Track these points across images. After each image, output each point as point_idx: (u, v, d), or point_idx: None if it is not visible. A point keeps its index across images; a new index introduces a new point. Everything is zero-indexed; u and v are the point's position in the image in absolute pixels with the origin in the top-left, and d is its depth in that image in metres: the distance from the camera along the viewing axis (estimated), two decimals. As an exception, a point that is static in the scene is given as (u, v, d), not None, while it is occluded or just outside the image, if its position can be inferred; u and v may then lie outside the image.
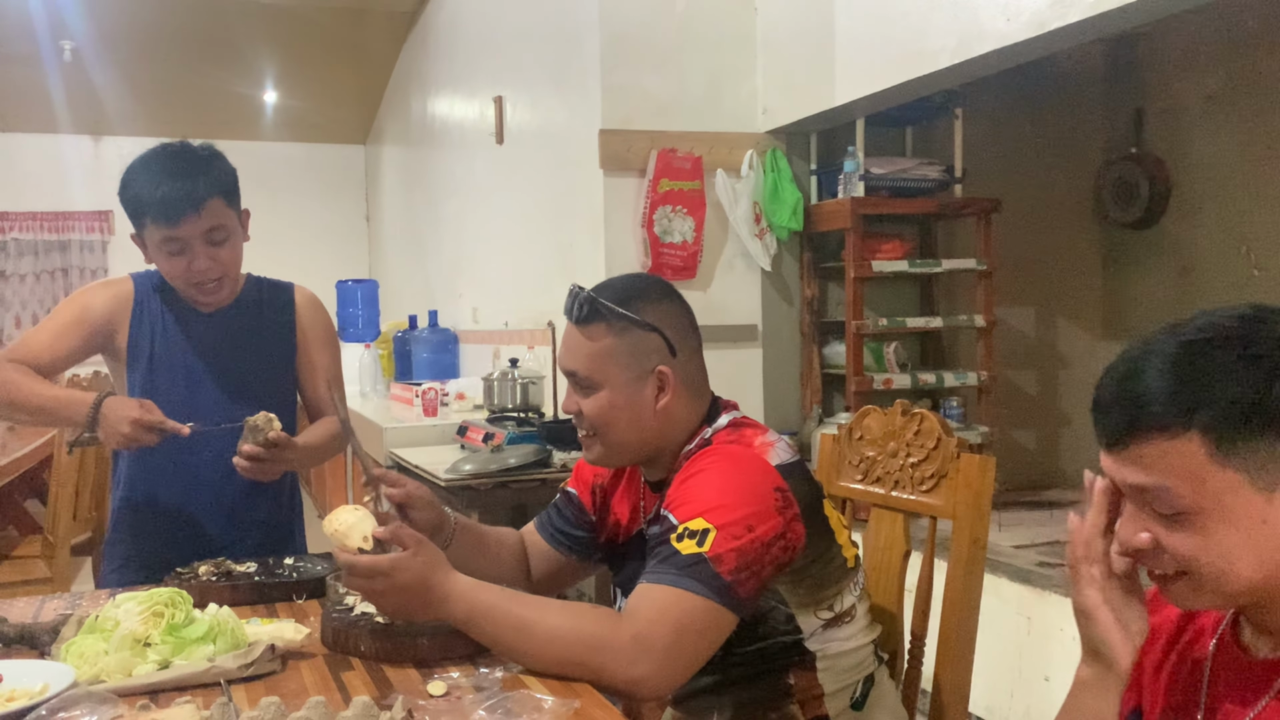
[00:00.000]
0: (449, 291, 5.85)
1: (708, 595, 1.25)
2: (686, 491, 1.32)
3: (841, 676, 1.41)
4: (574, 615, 1.29)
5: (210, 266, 1.88)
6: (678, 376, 1.43)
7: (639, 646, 1.24)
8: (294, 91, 7.61)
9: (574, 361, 1.44)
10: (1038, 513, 3.74)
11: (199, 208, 1.83)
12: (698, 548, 1.26)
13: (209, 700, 1.18)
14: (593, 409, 1.43)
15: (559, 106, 4.13)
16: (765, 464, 1.35)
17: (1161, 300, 4.27)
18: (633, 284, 1.48)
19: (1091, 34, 2.67)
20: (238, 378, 1.99)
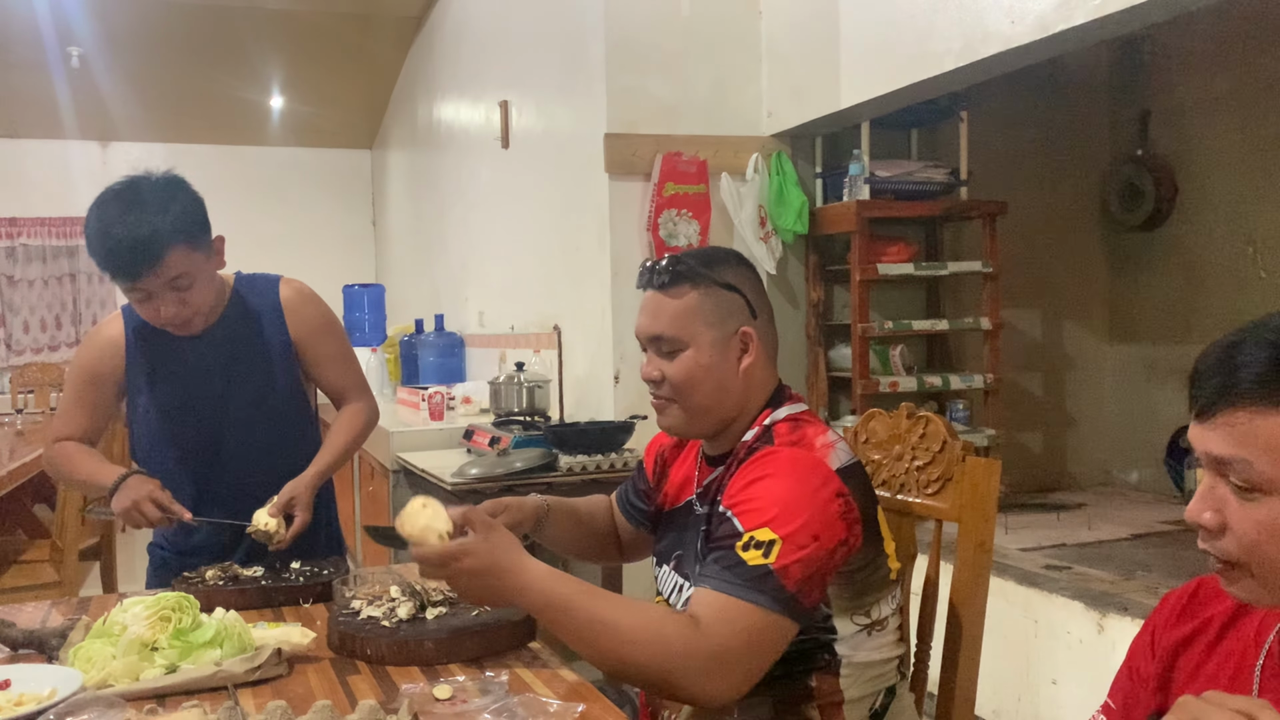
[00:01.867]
0: (455, 295, 5.86)
1: (776, 610, 1.26)
2: (751, 497, 1.31)
3: (864, 685, 1.40)
4: (651, 619, 1.28)
5: (178, 311, 1.85)
6: (759, 337, 1.44)
7: (715, 662, 1.24)
8: (300, 96, 7.62)
9: (658, 324, 1.44)
10: (1044, 515, 3.73)
11: (156, 263, 1.78)
12: (764, 559, 1.26)
13: (216, 704, 1.18)
14: (678, 370, 1.42)
15: (564, 111, 4.14)
16: (827, 469, 1.34)
17: (1168, 303, 4.26)
18: (712, 251, 1.50)
19: (1097, 36, 2.66)
20: (240, 389, 1.98)
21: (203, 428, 1.97)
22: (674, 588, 1.51)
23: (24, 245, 7.92)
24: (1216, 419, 0.87)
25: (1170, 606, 1.05)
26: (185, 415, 1.97)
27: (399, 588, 1.60)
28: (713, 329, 1.43)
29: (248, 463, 1.96)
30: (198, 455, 1.94)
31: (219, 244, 1.92)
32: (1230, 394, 0.86)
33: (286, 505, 1.86)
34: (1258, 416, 0.85)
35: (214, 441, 1.96)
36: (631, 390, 3.64)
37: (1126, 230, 4.41)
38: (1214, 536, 0.88)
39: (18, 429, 4.95)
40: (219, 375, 1.97)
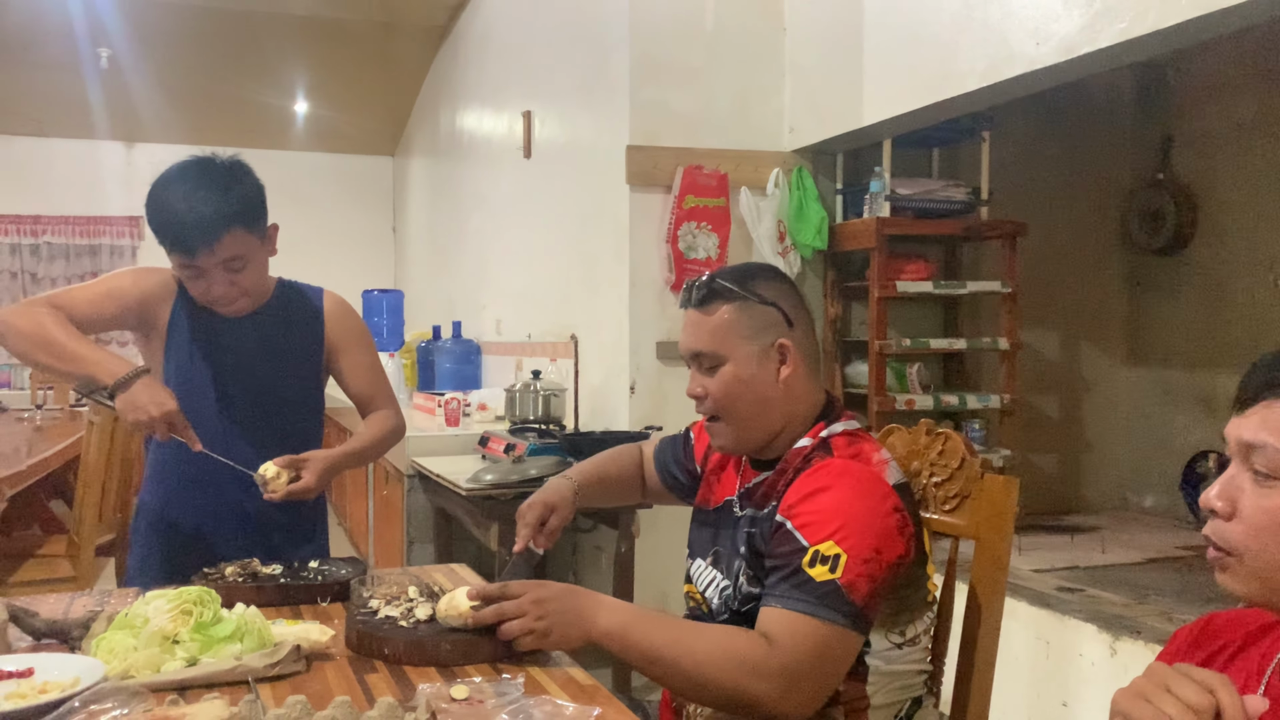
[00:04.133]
0: (472, 303, 5.89)
1: (845, 624, 1.28)
2: (812, 509, 1.33)
3: (890, 693, 1.42)
4: (726, 636, 1.32)
5: (227, 291, 1.90)
6: (797, 349, 1.47)
7: (791, 678, 1.27)
8: (325, 102, 7.69)
9: (697, 341, 1.48)
10: (1058, 537, 3.71)
11: (214, 242, 1.82)
12: (830, 574, 1.28)
13: (236, 697, 1.19)
14: (718, 385, 1.46)
15: (587, 122, 4.16)
16: (885, 484, 1.37)
17: (1186, 327, 4.25)
18: (746, 267, 1.55)
19: (1122, 59, 2.67)
20: (262, 381, 2.02)
21: (223, 403, 1.99)
22: (710, 581, 1.53)
23: (48, 243, 8.01)
24: (1254, 407, 0.90)
25: (1181, 639, 1.06)
26: (209, 388, 1.99)
27: (417, 589, 1.61)
28: (749, 342, 1.46)
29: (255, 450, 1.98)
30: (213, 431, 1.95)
31: (273, 232, 1.97)
32: (1270, 385, 0.89)
33: (298, 463, 1.89)
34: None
35: (230, 421, 1.98)
36: (647, 400, 3.66)
37: (1146, 254, 4.40)
38: (1221, 522, 0.90)
39: (36, 425, 4.99)
40: (250, 358, 2.01)
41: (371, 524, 4.61)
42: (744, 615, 1.40)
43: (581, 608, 1.37)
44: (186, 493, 2.00)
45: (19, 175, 7.90)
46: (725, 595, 1.47)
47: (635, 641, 1.34)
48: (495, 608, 1.40)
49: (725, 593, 1.47)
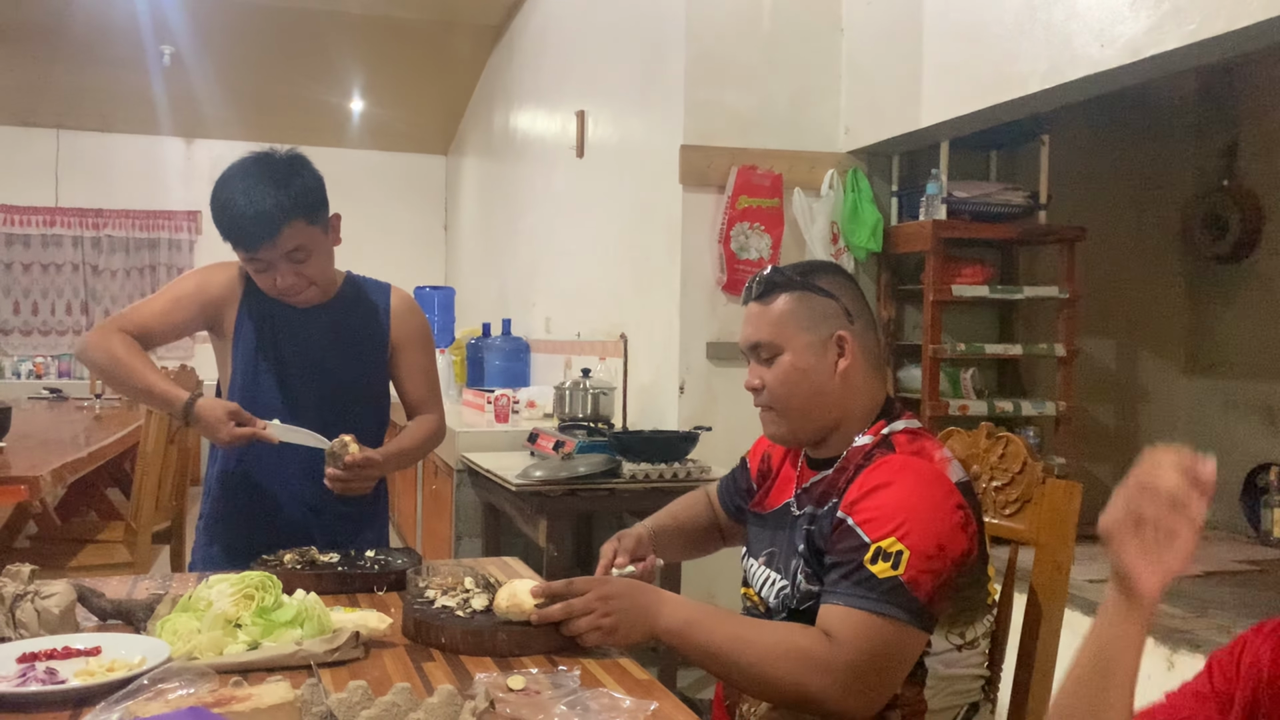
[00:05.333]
0: (523, 301, 5.92)
1: (908, 621, 1.28)
2: (874, 505, 1.32)
3: (947, 698, 1.40)
4: (788, 633, 1.33)
5: (294, 283, 1.93)
6: (856, 342, 1.46)
7: (853, 675, 1.27)
8: (380, 101, 7.78)
9: (756, 332, 1.49)
10: (1112, 548, 3.65)
11: (275, 234, 1.85)
12: (893, 570, 1.27)
13: (297, 682, 1.21)
14: (775, 376, 1.47)
15: (641, 121, 4.17)
16: (949, 481, 1.36)
17: (1249, 337, 4.16)
18: (809, 262, 1.58)
19: (1188, 63, 2.61)
20: (331, 373, 2.05)
21: (290, 394, 2.02)
22: (765, 581, 1.53)
23: (109, 236, 8.18)
24: None
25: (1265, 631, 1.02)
26: (277, 378, 2.02)
27: (472, 579, 1.62)
28: (807, 333, 1.46)
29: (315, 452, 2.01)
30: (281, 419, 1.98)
31: (335, 222, 1.99)
32: None
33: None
34: None
35: (297, 411, 2.00)
36: (696, 401, 3.65)
37: (1209, 261, 4.32)
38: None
39: (96, 413, 5.10)
40: (318, 349, 2.04)
41: (420, 518, 4.65)
42: (803, 614, 1.40)
43: (646, 605, 1.38)
44: (251, 480, 2.03)
45: (83, 169, 8.08)
46: (783, 595, 1.46)
47: (697, 638, 1.35)
48: (563, 605, 1.40)
49: (783, 592, 1.46)
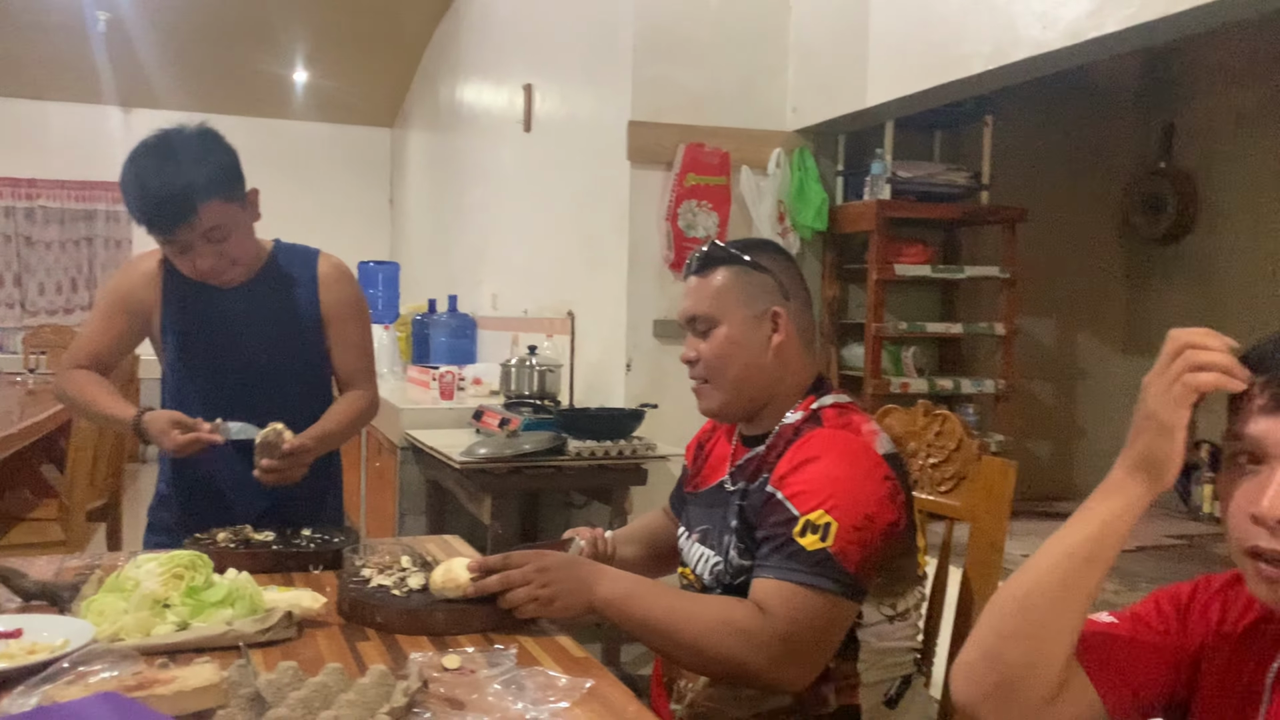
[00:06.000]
0: (469, 277, 5.87)
1: (838, 592, 1.30)
2: (802, 479, 1.34)
3: (880, 671, 1.42)
4: (723, 606, 1.35)
5: (215, 264, 1.87)
6: (791, 319, 1.49)
7: (786, 647, 1.29)
8: (324, 72, 7.63)
9: (695, 305, 1.51)
10: (1049, 524, 3.69)
11: (191, 216, 1.79)
12: (821, 542, 1.29)
13: (227, 662, 1.19)
14: (711, 348, 1.48)
15: (589, 97, 4.14)
16: (875, 453, 1.38)
17: (1185, 317, 4.21)
18: (748, 239, 1.61)
19: (1128, 45, 2.65)
20: (265, 352, 2.00)
21: (224, 379, 1.98)
22: (700, 558, 1.54)
23: (43, 207, 7.96)
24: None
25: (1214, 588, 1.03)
26: (209, 364, 1.98)
27: (409, 558, 1.61)
28: (743, 307, 1.48)
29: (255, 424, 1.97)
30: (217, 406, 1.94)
31: (253, 197, 1.93)
32: None
33: None
34: None
35: (234, 395, 1.97)
36: (643, 378, 3.65)
37: (1146, 242, 4.40)
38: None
39: (29, 388, 4.97)
40: (246, 333, 1.99)
41: (364, 495, 4.61)
42: (737, 588, 1.41)
43: (584, 576, 1.39)
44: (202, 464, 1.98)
45: (15, 138, 7.84)
46: (717, 571, 1.47)
47: (634, 610, 1.37)
48: (500, 576, 1.40)
49: (717, 568, 1.48)
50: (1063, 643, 0.97)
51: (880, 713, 1.43)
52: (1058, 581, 0.97)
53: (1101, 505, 0.98)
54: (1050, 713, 0.99)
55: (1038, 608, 0.98)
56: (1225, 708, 0.97)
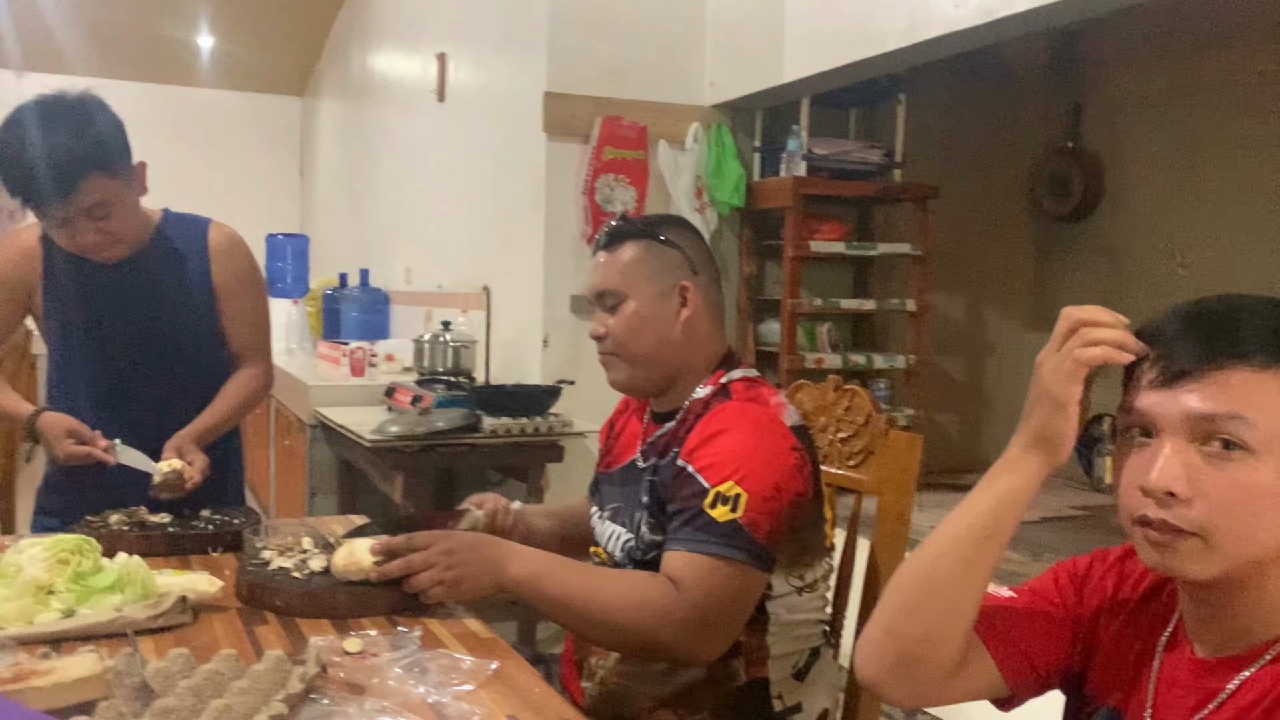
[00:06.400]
0: (382, 251, 5.75)
1: (748, 562, 1.30)
2: (712, 451, 1.34)
3: (789, 643, 1.43)
4: (635, 584, 1.34)
5: (97, 241, 1.77)
6: (699, 294, 1.48)
7: (699, 620, 1.29)
8: (232, 37, 7.38)
9: (603, 280, 1.49)
10: (958, 495, 3.76)
11: (72, 190, 1.68)
12: (732, 513, 1.29)
13: (114, 651, 1.14)
14: (619, 322, 1.47)
15: (504, 67, 4.06)
16: (783, 425, 1.39)
17: (1089, 294, 4.35)
18: (657, 215, 1.60)
19: (1037, 24, 2.69)
20: (155, 328, 1.91)
21: (112, 360, 1.89)
22: (611, 536, 1.53)
23: (-72, 174, 7.57)
24: (1207, 378, 0.86)
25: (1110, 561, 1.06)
26: (95, 345, 1.89)
27: (311, 539, 1.57)
28: (652, 282, 1.47)
29: (154, 404, 1.89)
30: (105, 389, 1.86)
31: (140, 170, 1.82)
32: (1228, 353, 0.86)
33: (183, 452, 1.80)
34: (1255, 373, 0.85)
35: (123, 377, 1.88)
36: (560, 355, 3.62)
37: (1053, 220, 4.50)
38: (1179, 504, 0.87)
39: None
40: (134, 308, 1.90)
41: (273, 474, 4.50)
42: (648, 564, 1.40)
43: (491, 557, 1.37)
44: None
45: (-104, 101, 7.43)
46: (628, 547, 1.46)
47: (545, 589, 1.35)
48: (403, 561, 1.37)
49: (628, 545, 1.47)
50: (963, 617, 0.98)
51: (789, 685, 1.43)
52: (957, 557, 0.98)
53: (998, 481, 0.99)
54: (951, 686, 1.00)
55: (938, 584, 0.99)
56: (1119, 674, 1.00)
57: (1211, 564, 0.87)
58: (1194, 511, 0.86)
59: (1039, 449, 0.97)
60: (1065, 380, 0.93)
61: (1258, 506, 0.85)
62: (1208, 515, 0.86)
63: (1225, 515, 0.86)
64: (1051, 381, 0.94)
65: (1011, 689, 1.03)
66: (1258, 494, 0.85)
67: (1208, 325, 0.88)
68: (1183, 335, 0.89)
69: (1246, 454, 0.85)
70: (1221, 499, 0.86)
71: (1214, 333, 0.88)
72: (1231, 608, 0.90)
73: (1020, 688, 1.03)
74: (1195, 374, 0.87)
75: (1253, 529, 0.85)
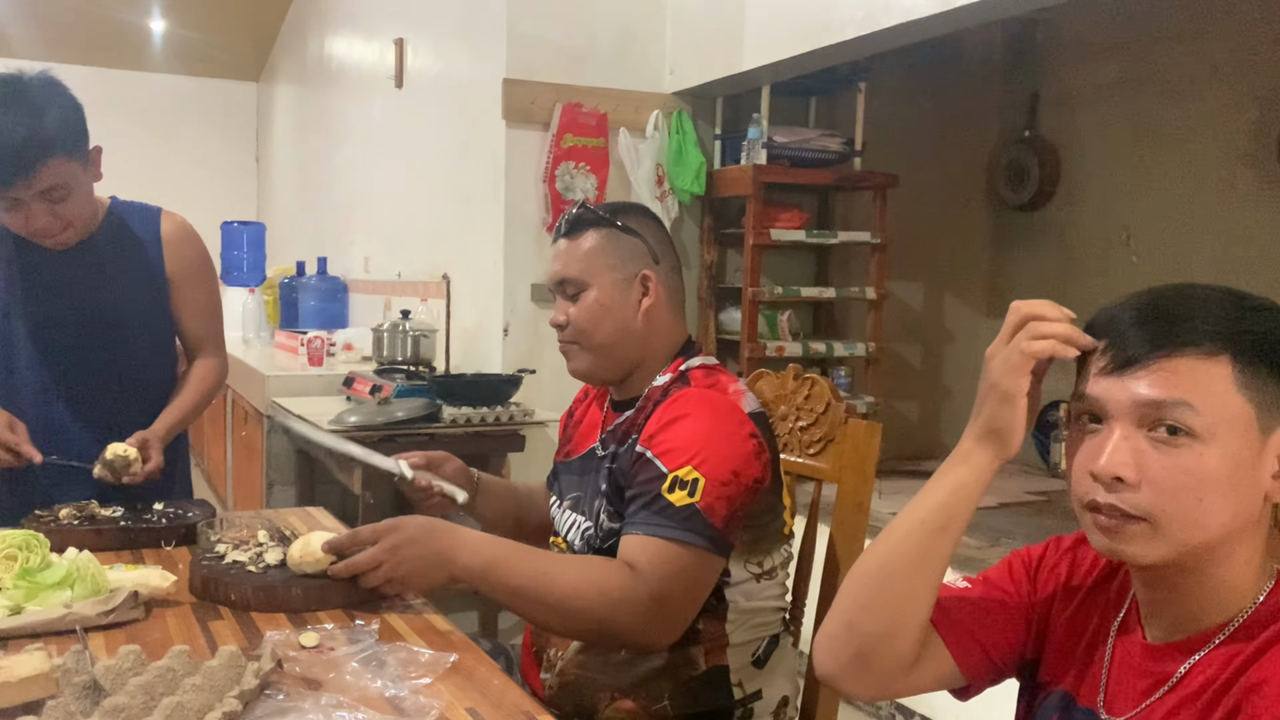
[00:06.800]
0: (340, 239, 5.69)
1: (705, 547, 1.30)
2: (670, 437, 1.34)
3: (748, 631, 1.43)
4: (591, 569, 1.33)
5: (49, 224, 1.74)
6: (660, 283, 1.48)
7: (655, 605, 1.28)
8: (185, 21, 7.24)
9: (564, 268, 1.48)
10: (917, 482, 3.80)
11: (30, 173, 1.66)
12: (689, 498, 1.29)
13: (63, 648, 1.11)
14: (580, 310, 1.46)
15: (462, 53, 4.02)
16: (741, 411, 1.39)
17: (1044, 282, 4.41)
18: (618, 203, 1.58)
19: (995, 13, 2.71)
20: (103, 317, 1.88)
21: (57, 348, 1.85)
22: (570, 525, 1.52)
23: None
24: (1154, 364, 0.87)
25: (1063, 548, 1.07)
26: (39, 332, 1.85)
27: (267, 532, 1.54)
28: (613, 270, 1.46)
29: (100, 394, 1.86)
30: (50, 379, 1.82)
31: (96, 155, 1.79)
32: (1175, 340, 0.87)
33: (144, 442, 1.78)
34: (1201, 360, 0.87)
35: (69, 364, 1.85)
36: (521, 344, 3.60)
37: (1010, 209, 4.55)
38: (1127, 489, 0.88)
39: None
40: (83, 295, 1.86)
41: (230, 465, 4.44)
42: (606, 551, 1.40)
43: (441, 549, 1.34)
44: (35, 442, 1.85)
45: None
46: (587, 535, 1.46)
47: (500, 577, 1.33)
48: (347, 563, 1.35)
49: (587, 532, 1.46)
50: (919, 610, 0.99)
51: (749, 673, 1.44)
52: (912, 550, 0.99)
53: (951, 474, 1.00)
54: (908, 678, 1.01)
55: (893, 577, 0.99)
56: (1071, 658, 1.01)
57: (1158, 548, 0.88)
58: (1140, 496, 0.88)
59: (989, 441, 0.98)
60: (1013, 372, 0.95)
61: (1202, 491, 0.86)
62: (1153, 500, 0.87)
63: (1170, 500, 0.87)
64: (1000, 374, 0.96)
65: (968, 679, 1.04)
66: (1203, 479, 0.86)
67: (1157, 314, 0.90)
68: (1133, 324, 0.90)
69: (1193, 440, 0.86)
70: (1167, 484, 0.87)
71: (1163, 321, 0.89)
72: (1181, 592, 0.92)
73: (976, 678, 1.04)
74: (1143, 361, 0.88)
75: (1197, 513, 0.87)
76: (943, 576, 1.01)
